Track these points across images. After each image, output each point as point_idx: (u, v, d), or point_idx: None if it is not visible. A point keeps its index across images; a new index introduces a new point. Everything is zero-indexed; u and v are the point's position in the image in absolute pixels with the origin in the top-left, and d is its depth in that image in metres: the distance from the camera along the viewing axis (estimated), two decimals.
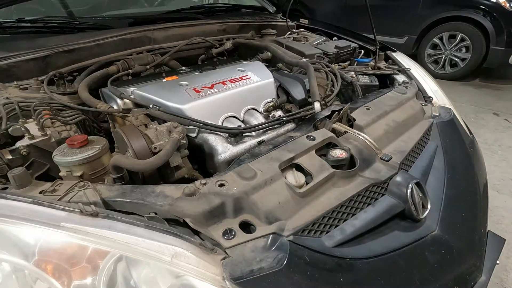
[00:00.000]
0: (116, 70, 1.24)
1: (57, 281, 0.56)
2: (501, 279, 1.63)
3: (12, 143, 0.82)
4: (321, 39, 1.78)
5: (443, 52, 4.50)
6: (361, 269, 0.70)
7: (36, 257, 0.57)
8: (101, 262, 0.57)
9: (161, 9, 2.24)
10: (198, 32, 1.58)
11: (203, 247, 0.60)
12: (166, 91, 1.04)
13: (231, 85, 1.09)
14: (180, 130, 0.85)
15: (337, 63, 1.58)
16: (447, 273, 0.80)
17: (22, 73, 1.13)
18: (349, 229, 0.77)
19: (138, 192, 0.69)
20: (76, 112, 0.98)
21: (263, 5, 2.16)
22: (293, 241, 0.67)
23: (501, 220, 2.05)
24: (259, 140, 0.97)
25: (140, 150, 0.80)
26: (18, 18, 1.43)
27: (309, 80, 1.15)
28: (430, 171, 1.05)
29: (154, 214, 0.65)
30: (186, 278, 0.57)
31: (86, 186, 0.68)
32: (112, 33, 1.36)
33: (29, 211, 0.61)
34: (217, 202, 0.67)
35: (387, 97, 1.23)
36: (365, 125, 1.03)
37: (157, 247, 0.58)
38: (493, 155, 2.85)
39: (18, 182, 0.67)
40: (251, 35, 1.77)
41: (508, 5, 4.01)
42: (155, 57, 1.36)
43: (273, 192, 0.74)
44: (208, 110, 1.00)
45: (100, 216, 0.61)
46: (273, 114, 1.11)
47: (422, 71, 1.57)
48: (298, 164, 0.83)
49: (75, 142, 0.78)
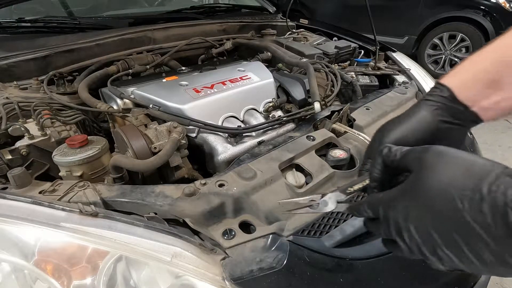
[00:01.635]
0: (116, 70, 1.24)
1: (56, 281, 0.55)
2: (501, 279, 1.63)
3: (12, 143, 0.82)
4: (321, 39, 1.78)
5: (443, 53, 4.50)
6: (361, 269, 0.70)
7: (36, 257, 0.57)
8: (101, 262, 0.57)
9: (161, 9, 2.24)
10: (198, 32, 1.58)
11: (203, 247, 0.60)
12: (166, 91, 1.04)
13: (231, 85, 1.09)
14: (180, 130, 0.85)
15: (337, 63, 1.58)
16: (447, 273, 0.80)
17: (22, 73, 1.13)
18: (349, 229, 0.77)
19: (138, 192, 0.69)
20: (76, 112, 0.98)
21: (263, 5, 2.16)
22: (293, 241, 0.67)
23: None
24: (259, 140, 0.97)
25: (140, 150, 0.80)
26: (18, 18, 1.43)
27: (309, 80, 1.15)
28: None
29: (154, 214, 0.65)
30: (186, 278, 0.57)
31: (86, 186, 0.68)
32: (112, 33, 1.36)
33: (29, 211, 0.61)
34: (217, 202, 0.67)
35: (387, 97, 1.23)
36: (365, 125, 1.03)
37: (157, 247, 0.58)
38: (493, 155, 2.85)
39: (18, 182, 0.67)
40: (251, 35, 1.77)
41: (508, 5, 4.02)
42: (155, 57, 1.36)
43: (273, 192, 0.74)
44: (208, 110, 1.00)
45: (100, 216, 0.61)
46: (273, 114, 1.10)
47: (422, 71, 1.57)
48: (298, 164, 0.83)
49: (75, 142, 0.78)
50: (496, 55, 0.43)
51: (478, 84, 0.43)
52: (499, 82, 0.42)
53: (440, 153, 0.36)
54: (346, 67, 1.54)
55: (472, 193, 0.31)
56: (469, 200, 0.31)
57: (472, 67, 0.44)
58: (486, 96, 0.43)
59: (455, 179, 0.33)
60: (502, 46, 0.43)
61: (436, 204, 0.34)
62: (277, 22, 1.95)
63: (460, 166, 0.34)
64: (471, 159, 0.34)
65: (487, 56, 0.44)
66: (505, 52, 0.42)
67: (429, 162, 0.35)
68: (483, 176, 0.31)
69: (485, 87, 0.43)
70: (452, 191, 0.33)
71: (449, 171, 0.34)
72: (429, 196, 0.34)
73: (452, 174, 0.33)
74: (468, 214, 0.31)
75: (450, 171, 0.34)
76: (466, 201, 0.31)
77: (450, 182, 0.33)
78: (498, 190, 0.30)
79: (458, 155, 0.35)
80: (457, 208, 0.32)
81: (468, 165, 0.33)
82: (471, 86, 0.44)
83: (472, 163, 0.34)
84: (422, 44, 4.66)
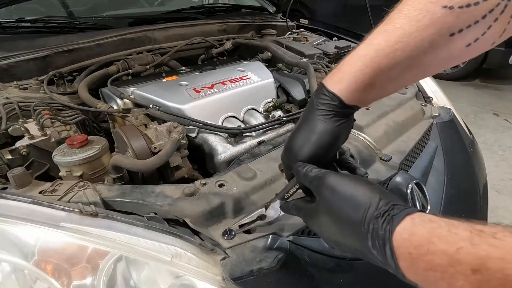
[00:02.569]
0: (116, 70, 1.24)
1: (56, 281, 0.55)
2: None
3: (12, 143, 0.82)
4: (321, 39, 1.78)
5: None
6: (361, 269, 0.70)
7: (36, 257, 0.57)
8: (101, 262, 0.57)
9: (161, 9, 2.24)
10: (198, 32, 1.58)
11: (203, 247, 0.60)
12: (166, 91, 1.04)
13: (231, 85, 1.09)
14: (180, 130, 0.85)
15: (337, 63, 1.58)
16: None
17: (22, 73, 1.13)
18: None
19: (138, 192, 0.69)
20: (76, 112, 0.98)
21: (263, 5, 2.16)
22: (293, 241, 0.67)
23: (501, 221, 2.06)
24: (259, 140, 0.97)
25: (140, 150, 0.80)
26: (18, 18, 1.43)
27: (309, 80, 1.15)
28: (430, 171, 1.05)
29: (154, 214, 0.65)
30: (186, 278, 0.57)
31: (86, 186, 0.68)
32: (112, 33, 1.35)
33: (29, 211, 0.61)
34: (217, 202, 0.67)
35: (387, 97, 1.22)
36: (365, 125, 1.03)
37: (157, 247, 0.58)
38: (493, 155, 2.85)
39: (18, 182, 0.67)
40: (251, 35, 1.77)
41: None
42: (155, 57, 1.36)
43: (273, 192, 0.73)
44: (208, 110, 1.00)
45: (100, 216, 0.61)
46: (273, 114, 1.11)
47: None
48: None
49: (75, 142, 0.78)
50: (367, 59, 0.49)
51: (360, 88, 0.50)
52: (374, 83, 0.50)
53: (332, 189, 0.45)
54: None
55: (356, 226, 0.40)
56: (353, 231, 0.41)
57: (351, 71, 0.51)
58: (366, 95, 0.52)
59: (344, 214, 0.42)
60: (372, 48, 0.49)
61: (331, 228, 0.46)
62: (277, 22, 1.95)
63: (346, 202, 0.43)
64: (353, 193, 0.43)
65: (361, 60, 0.50)
66: (374, 57, 0.48)
67: (325, 197, 0.46)
68: (364, 209, 0.40)
69: (364, 89, 0.50)
70: (342, 224, 0.43)
71: (338, 206, 0.44)
72: (325, 222, 0.46)
73: (340, 209, 0.43)
74: (354, 241, 0.42)
75: (339, 207, 0.43)
76: (349, 231, 0.42)
77: (340, 216, 0.43)
78: (377, 223, 0.38)
79: (344, 189, 0.44)
80: (345, 234, 0.43)
81: (352, 200, 0.42)
82: (354, 91, 0.50)
83: (354, 197, 0.42)
84: None
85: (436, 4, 0.43)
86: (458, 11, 0.43)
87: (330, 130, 0.52)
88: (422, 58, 0.47)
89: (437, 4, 0.43)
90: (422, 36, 0.45)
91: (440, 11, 0.43)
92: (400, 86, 0.55)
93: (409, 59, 0.47)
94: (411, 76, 0.52)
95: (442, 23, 0.44)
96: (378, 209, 0.39)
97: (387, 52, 0.47)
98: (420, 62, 0.48)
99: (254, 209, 0.63)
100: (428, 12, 0.44)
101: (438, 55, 0.47)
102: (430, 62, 0.48)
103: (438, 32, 0.44)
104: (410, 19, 0.45)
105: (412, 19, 0.45)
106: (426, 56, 0.47)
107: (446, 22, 0.44)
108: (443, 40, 0.45)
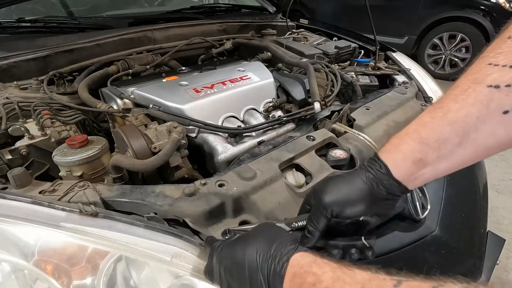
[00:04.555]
0: (116, 70, 1.24)
1: (56, 281, 0.55)
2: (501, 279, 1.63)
3: (12, 143, 0.82)
4: (321, 39, 1.78)
5: (443, 53, 4.50)
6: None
7: (36, 257, 0.57)
8: (101, 262, 0.57)
9: (161, 9, 2.25)
10: (198, 32, 1.58)
11: (203, 247, 0.60)
12: (166, 91, 1.04)
13: (231, 85, 1.09)
14: (180, 130, 0.85)
15: (337, 63, 1.58)
16: (447, 274, 0.79)
17: (22, 73, 1.13)
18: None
19: (138, 192, 0.69)
20: (76, 112, 0.98)
21: (263, 5, 2.16)
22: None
23: (501, 221, 2.06)
24: (259, 140, 0.97)
25: (140, 150, 0.80)
26: (18, 18, 1.43)
27: (309, 80, 1.14)
28: None
29: (154, 214, 0.65)
30: (186, 278, 0.57)
31: (86, 186, 0.68)
32: (112, 33, 1.36)
33: (29, 211, 0.61)
34: (217, 202, 0.67)
35: (387, 97, 1.23)
36: (365, 125, 1.02)
37: (157, 247, 0.58)
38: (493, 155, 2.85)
39: (18, 182, 0.67)
40: (251, 35, 1.77)
41: (508, 5, 4.02)
42: (155, 57, 1.36)
43: (273, 192, 0.74)
44: (208, 110, 1.00)
45: (100, 216, 0.61)
46: (273, 114, 1.11)
47: (422, 71, 1.57)
48: (298, 164, 0.83)
49: (75, 142, 0.78)
50: (417, 136, 0.50)
51: (408, 163, 0.50)
52: (424, 159, 0.49)
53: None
54: (346, 67, 1.54)
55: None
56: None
57: (401, 145, 0.52)
58: (414, 172, 0.51)
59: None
60: (420, 125, 0.51)
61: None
62: (277, 22, 1.95)
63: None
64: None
65: (411, 136, 0.51)
66: (423, 133, 0.50)
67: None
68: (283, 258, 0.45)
69: (413, 165, 0.50)
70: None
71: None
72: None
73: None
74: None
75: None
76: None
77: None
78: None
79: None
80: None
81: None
82: (402, 165, 0.51)
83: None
84: (422, 44, 4.66)
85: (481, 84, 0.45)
86: (506, 90, 0.43)
87: (363, 189, 0.53)
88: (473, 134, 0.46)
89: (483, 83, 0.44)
90: (467, 111, 0.45)
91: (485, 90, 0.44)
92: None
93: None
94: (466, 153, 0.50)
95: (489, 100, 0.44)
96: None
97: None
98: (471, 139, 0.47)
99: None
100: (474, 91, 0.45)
101: (494, 133, 0.46)
102: (483, 139, 0.47)
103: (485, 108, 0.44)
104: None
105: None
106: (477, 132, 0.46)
107: (494, 99, 0.44)
108: (495, 117, 0.45)
